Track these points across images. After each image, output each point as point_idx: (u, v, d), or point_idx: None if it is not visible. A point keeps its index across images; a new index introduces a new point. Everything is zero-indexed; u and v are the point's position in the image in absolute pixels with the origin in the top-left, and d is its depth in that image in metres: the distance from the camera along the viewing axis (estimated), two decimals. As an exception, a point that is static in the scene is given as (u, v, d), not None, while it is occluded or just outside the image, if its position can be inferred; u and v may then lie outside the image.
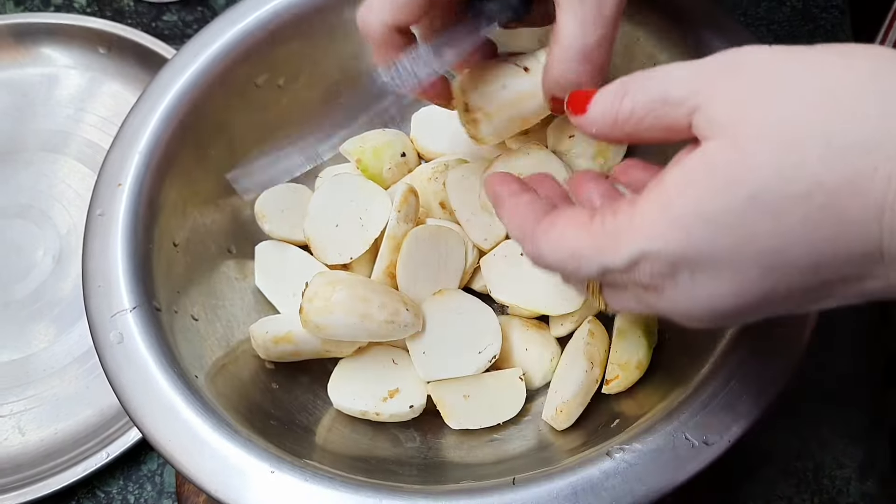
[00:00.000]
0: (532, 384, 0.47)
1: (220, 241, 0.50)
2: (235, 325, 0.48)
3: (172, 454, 0.38)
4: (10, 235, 0.60)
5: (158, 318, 0.43)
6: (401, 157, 0.53)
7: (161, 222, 0.46)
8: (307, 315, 0.43)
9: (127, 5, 0.69)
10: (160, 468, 0.52)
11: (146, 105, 0.47)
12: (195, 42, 0.49)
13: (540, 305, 0.47)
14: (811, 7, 0.66)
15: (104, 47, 0.65)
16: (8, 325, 0.57)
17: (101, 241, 0.44)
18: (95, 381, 0.54)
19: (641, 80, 0.31)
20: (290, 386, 0.47)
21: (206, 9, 0.69)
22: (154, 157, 0.46)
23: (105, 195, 0.45)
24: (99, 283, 0.43)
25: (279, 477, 0.37)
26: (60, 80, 0.66)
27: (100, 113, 0.64)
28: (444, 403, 0.45)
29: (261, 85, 0.51)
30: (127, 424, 0.51)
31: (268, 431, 0.41)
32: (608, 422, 0.43)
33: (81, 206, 0.60)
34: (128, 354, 0.41)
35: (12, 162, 0.63)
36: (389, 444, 0.45)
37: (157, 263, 0.45)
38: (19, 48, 0.66)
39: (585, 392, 0.44)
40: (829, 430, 0.51)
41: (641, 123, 0.31)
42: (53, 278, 0.58)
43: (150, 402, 0.39)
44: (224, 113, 0.50)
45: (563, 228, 0.32)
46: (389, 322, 0.43)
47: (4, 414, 0.54)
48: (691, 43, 0.46)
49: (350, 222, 0.48)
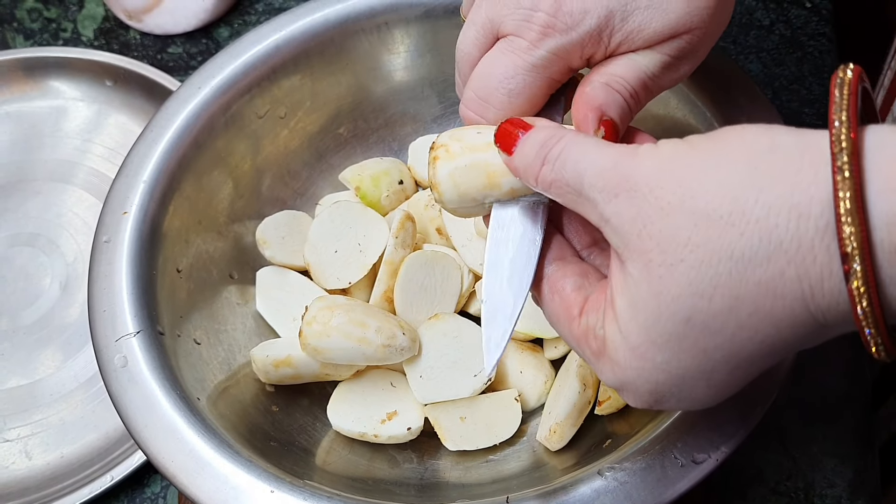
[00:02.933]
0: (527, 405, 0.48)
1: (223, 267, 0.51)
2: (237, 349, 0.49)
3: (175, 475, 0.39)
4: (18, 263, 0.62)
5: (162, 342, 0.44)
6: (398, 185, 0.54)
7: (165, 249, 0.47)
8: (306, 339, 0.44)
9: (133, 38, 0.71)
10: (163, 491, 0.53)
11: (151, 135, 0.49)
12: (199, 74, 0.51)
13: (533, 329, 0.48)
14: (799, 35, 0.68)
15: (111, 80, 0.67)
16: (16, 352, 0.58)
17: (106, 266, 0.45)
18: (101, 406, 0.56)
19: (563, 152, 0.31)
20: (291, 408, 0.48)
21: (209, 41, 0.70)
22: (158, 186, 0.48)
23: (111, 222, 0.46)
24: (104, 308, 0.44)
25: (279, 496, 0.38)
26: (68, 111, 0.67)
27: (106, 144, 0.66)
28: (440, 425, 0.46)
29: (263, 116, 0.53)
30: (131, 448, 0.52)
31: (268, 452, 0.42)
32: (601, 441, 0.44)
33: (88, 234, 0.62)
34: (132, 377, 0.42)
35: (21, 191, 0.65)
36: (387, 465, 0.46)
37: (160, 289, 0.46)
38: (29, 81, 0.68)
39: (578, 413, 0.45)
40: (819, 449, 0.52)
41: (560, 198, 0.32)
42: (60, 305, 0.60)
43: (153, 424, 0.40)
44: (227, 143, 0.52)
45: (558, 314, 0.34)
46: (386, 346, 0.45)
47: (11, 438, 0.55)
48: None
49: (349, 248, 0.50)
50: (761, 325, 0.28)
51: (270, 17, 0.53)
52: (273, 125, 0.54)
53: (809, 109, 0.64)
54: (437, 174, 0.35)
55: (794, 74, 0.66)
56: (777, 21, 0.69)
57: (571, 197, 0.31)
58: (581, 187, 0.31)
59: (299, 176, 0.56)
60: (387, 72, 0.56)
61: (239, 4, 0.72)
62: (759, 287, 0.27)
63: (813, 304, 0.27)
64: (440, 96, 0.57)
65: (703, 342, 0.29)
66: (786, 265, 0.26)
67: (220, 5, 0.70)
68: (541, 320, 0.47)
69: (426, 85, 0.56)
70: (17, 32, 0.72)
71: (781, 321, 0.27)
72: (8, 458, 0.54)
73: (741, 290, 0.27)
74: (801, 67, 0.66)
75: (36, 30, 0.72)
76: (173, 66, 0.69)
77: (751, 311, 0.27)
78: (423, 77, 0.56)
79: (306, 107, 0.54)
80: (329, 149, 0.56)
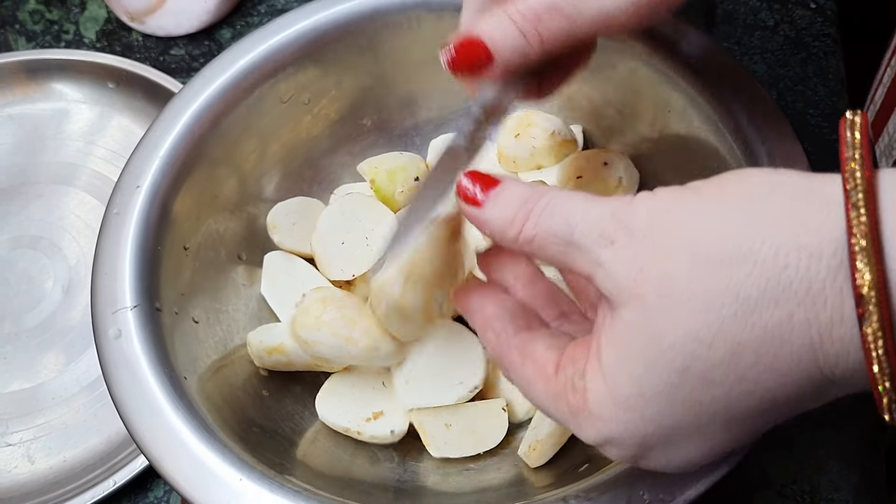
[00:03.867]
0: (515, 417, 0.47)
1: (232, 248, 0.52)
2: (235, 331, 0.49)
3: (151, 451, 0.40)
4: (20, 266, 0.61)
5: (158, 318, 0.44)
6: (414, 182, 0.54)
7: (174, 226, 0.48)
8: (296, 329, 0.45)
9: (135, 40, 0.71)
10: (166, 495, 0.53)
11: (172, 112, 0.49)
12: (226, 54, 0.51)
13: None
14: (804, 36, 0.68)
15: (113, 82, 0.66)
16: (18, 355, 0.58)
17: (113, 239, 0.46)
18: (103, 410, 0.55)
19: (549, 205, 0.30)
20: (281, 395, 0.48)
21: (212, 43, 0.70)
22: (173, 163, 0.48)
23: (123, 196, 0.47)
24: (105, 280, 0.45)
25: (247, 485, 0.38)
26: (71, 114, 0.67)
27: (108, 146, 0.66)
28: (425, 431, 0.46)
29: (286, 101, 0.53)
30: (134, 452, 0.52)
31: (248, 438, 0.42)
32: (579, 465, 0.43)
33: (90, 237, 0.62)
34: (122, 350, 0.42)
35: (24, 194, 0.64)
36: (367, 463, 0.46)
37: (165, 265, 0.46)
38: (31, 83, 0.68)
39: (562, 433, 0.44)
40: (825, 453, 0.52)
41: (542, 251, 0.30)
42: (63, 308, 0.60)
43: (136, 398, 0.41)
44: (248, 125, 0.52)
45: (531, 378, 0.31)
46: (371, 349, 0.44)
47: (14, 442, 0.55)
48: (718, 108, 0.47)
49: (356, 240, 0.50)
50: (763, 377, 0.26)
51: (273, 18, 0.53)
52: (296, 110, 0.53)
53: (814, 111, 0.64)
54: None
55: (798, 75, 0.66)
56: (781, 22, 0.68)
57: (557, 248, 0.29)
58: (571, 237, 0.29)
59: (319, 163, 0.56)
60: (415, 66, 0.55)
61: (241, 6, 0.72)
62: (764, 332, 0.25)
63: (821, 353, 0.25)
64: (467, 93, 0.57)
65: (699, 393, 0.27)
66: (795, 307, 0.25)
67: (223, 7, 0.70)
68: None
69: (454, 82, 0.56)
70: (20, 34, 0.72)
71: (785, 373, 0.26)
72: (10, 463, 0.54)
73: (745, 336, 0.25)
74: (805, 68, 0.66)
75: (38, 32, 0.72)
76: (175, 67, 0.69)
77: (753, 360, 0.26)
78: (448, 77, 0.56)
79: (331, 95, 0.54)
80: (351, 138, 0.56)
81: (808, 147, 0.64)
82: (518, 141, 0.52)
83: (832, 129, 0.63)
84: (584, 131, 0.55)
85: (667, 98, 0.49)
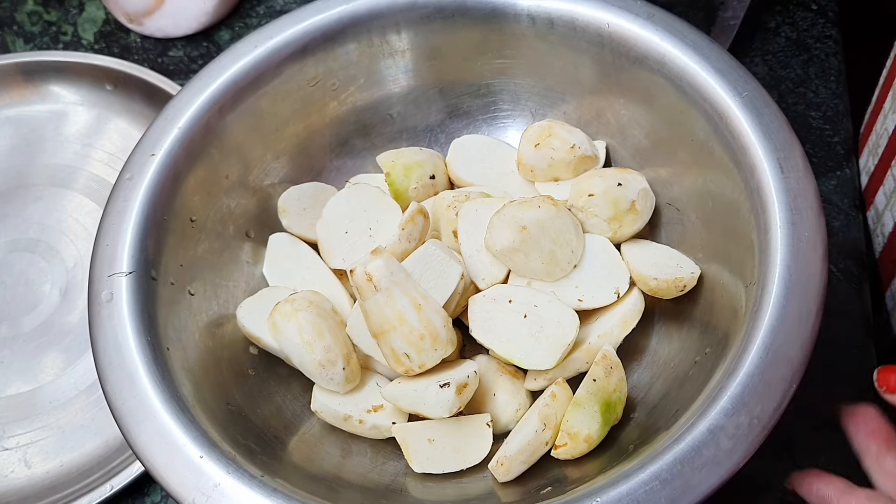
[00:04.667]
0: (497, 429, 0.46)
1: (241, 224, 0.52)
2: (232, 307, 0.49)
3: (122, 417, 0.40)
4: (18, 269, 0.61)
5: (152, 287, 0.45)
6: (429, 179, 0.53)
7: (183, 197, 0.48)
8: (276, 311, 0.45)
9: (134, 42, 0.70)
10: (164, 500, 0.53)
11: (196, 86, 0.50)
12: (257, 34, 0.51)
13: (513, 355, 0.45)
14: (805, 38, 0.67)
15: (111, 84, 0.66)
16: (16, 358, 0.58)
17: (121, 203, 0.46)
18: (101, 414, 0.55)
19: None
20: (266, 375, 0.48)
21: (210, 45, 0.70)
22: (191, 134, 0.49)
23: (137, 162, 0.47)
24: (107, 243, 0.45)
25: (206, 463, 0.38)
26: (68, 116, 0.67)
27: (106, 149, 0.65)
28: (408, 446, 0.45)
29: (314, 84, 0.53)
30: (131, 457, 0.52)
31: (216, 415, 0.43)
32: (545, 485, 0.42)
33: (88, 240, 0.61)
34: (111, 314, 0.43)
35: (21, 197, 0.64)
36: (339, 453, 0.46)
37: (168, 235, 0.47)
38: (28, 85, 0.67)
39: (531, 451, 0.43)
40: (826, 457, 0.51)
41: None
42: (60, 311, 0.59)
43: (115, 364, 0.42)
44: (272, 104, 0.52)
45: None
46: (321, 366, 0.45)
47: (10, 447, 0.55)
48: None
49: (359, 231, 0.50)
50: None
51: (271, 19, 0.53)
52: (323, 94, 0.54)
53: (816, 113, 0.64)
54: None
55: (800, 77, 0.65)
56: (783, 23, 0.68)
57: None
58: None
59: (340, 149, 0.56)
60: (447, 66, 0.55)
61: (240, 7, 0.72)
62: None
63: None
64: (496, 96, 0.56)
65: None
66: None
67: (221, 8, 0.69)
68: (522, 347, 0.45)
69: (482, 85, 0.56)
70: (17, 36, 0.72)
71: None
72: (7, 467, 0.54)
73: None
74: (807, 70, 0.66)
75: (36, 33, 0.72)
76: (174, 69, 0.69)
77: None
78: (481, 75, 0.56)
79: (359, 83, 0.54)
80: (376, 128, 0.56)
81: (809, 150, 0.64)
82: (537, 150, 0.52)
83: (834, 131, 0.63)
84: (609, 148, 0.54)
85: (691, 126, 0.48)
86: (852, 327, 0.56)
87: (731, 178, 0.46)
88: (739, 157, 0.45)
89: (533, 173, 0.53)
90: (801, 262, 0.41)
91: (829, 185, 0.61)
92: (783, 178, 0.43)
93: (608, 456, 0.43)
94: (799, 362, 0.39)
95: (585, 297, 0.47)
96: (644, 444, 0.40)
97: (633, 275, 0.48)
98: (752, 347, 0.39)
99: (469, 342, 0.49)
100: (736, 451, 0.37)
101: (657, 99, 0.50)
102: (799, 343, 0.39)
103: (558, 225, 0.47)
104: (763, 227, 0.42)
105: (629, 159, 0.54)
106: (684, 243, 0.50)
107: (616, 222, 0.49)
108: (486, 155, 0.55)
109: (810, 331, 0.39)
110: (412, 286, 0.43)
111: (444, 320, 0.44)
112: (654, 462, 0.37)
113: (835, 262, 0.58)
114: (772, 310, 0.39)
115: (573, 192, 0.50)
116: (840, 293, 0.57)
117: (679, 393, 0.44)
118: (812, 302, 0.40)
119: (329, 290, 0.50)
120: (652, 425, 0.43)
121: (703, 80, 0.47)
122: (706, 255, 0.48)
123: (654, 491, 0.36)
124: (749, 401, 0.38)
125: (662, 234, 0.52)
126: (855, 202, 0.60)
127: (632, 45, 0.49)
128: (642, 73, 0.50)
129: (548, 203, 0.48)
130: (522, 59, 0.54)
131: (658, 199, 0.51)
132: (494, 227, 0.47)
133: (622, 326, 0.46)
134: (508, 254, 0.47)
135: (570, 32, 0.51)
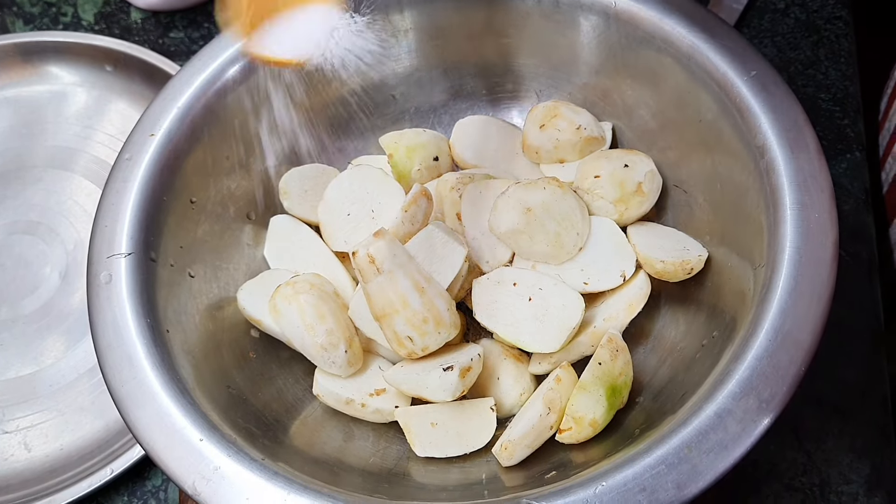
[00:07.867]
0: (499, 413, 0.46)
1: (242, 206, 0.51)
2: (232, 289, 0.49)
3: (122, 399, 0.40)
4: (18, 251, 0.61)
5: (152, 268, 0.44)
6: (433, 161, 0.53)
7: (183, 178, 0.47)
8: (276, 293, 0.45)
9: (134, 22, 0.70)
10: (164, 484, 0.52)
11: (198, 63, 0.49)
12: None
13: (517, 338, 0.45)
14: (815, 18, 0.66)
15: (110, 65, 0.65)
16: (16, 341, 0.57)
17: (120, 184, 0.46)
18: (101, 397, 0.55)
19: None
20: (267, 359, 0.48)
21: (211, 25, 0.69)
22: (191, 113, 0.48)
23: (136, 142, 0.47)
24: (106, 224, 0.45)
25: (206, 446, 0.38)
26: (68, 97, 0.66)
27: (106, 130, 0.65)
28: (410, 430, 0.45)
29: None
30: (131, 441, 0.51)
31: (217, 398, 0.42)
32: (549, 470, 0.42)
33: (88, 222, 0.61)
34: (110, 296, 0.42)
35: (21, 179, 0.63)
36: (341, 437, 0.46)
37: (168, 217, 0.46)
38: (27, 66, 0.67)
39: (536, 435, 0.43)
40: (834, 444, 0.51)
41: None
42: (60, 294, 0.59)
43: (114, 345, 0.41)
44: (276, 82, 0.51)
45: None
46: (323, 349, 0.44)
47: (10, 430, 0.54)
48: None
49: (361, 213, 0.49)
50: None
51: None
52: (325, 74, 0.52)
53: (825, 94, 0.63)
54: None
55: (809, 59, 0.64)
56: (792, 4, 0.67)
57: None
58: None
59: (343, 130, 0.55)
60: (451, 45, 0.54)
61: (241, -12, 0.71)
62: None
63: None
64: (501, 77, 0.56)
65: None
66: None
67: (222, -12, 0.68)
68: (525, 331, 0.45)
69: (487, 65, 0.55)
70: (17, 17, 0.71)
71: None
72: (7, 451, 0.54)
73: None
74: (816, 51, 0.65)
75: (36, 14, 0.71)
76: (175, 50, 0.68)
77: None
78: (486, 55, 0.55)
79: (362, 63, 0.53)
80: (379, 108, 0.56)
81: (819, 132, 0.63)
82: (542, 131, 0.51)
83: (844, 113, 0.62)
84: (615, 129, 0.53)
85: (698, 107, 0.47)
86: (861, 312, 0.55)
87: (739, 159, 0.45)
88: (748, 137, 0.44)
89: (538, 155, 0.52)
90: (812, 244, 0.40)
91: (839, 168, 0.60)
92: (793, 159, 0.42)
93: (614, 440, 0.42)
94: (809, 345, 0.38)
95: (591, 280, 0.47)
96: (650, 429, 0.39)
97: (640, 257, 0.47)
98: (761, 330, 0.38)
99: (473, 325, 0.48)
100: (744, 435, 0.36)
101: (664, 79, 0.49)
102: (809, 326, 0.38)
103: (564, 207, 0.47)
104: (772, 209, 0.41)
105: (636, 140, 0.53)
106: (692, 225, 0.49)
107: (622, 204, 0.48)
108: (490, 136, 0.54)
109: (821, 314, 0.39)
110: (415, 268, 0.43)
111: (448, 303, 0.43)
112: (660, 446, 0.36)
113: (844, 247, 0.57)
114: (781, 292, 0.39)
115: (579, 173, 0.49)
116: (850, 277, 0.56)
117: (686, 376, 0.43)
118: (822, 285, 0.39)
119: (331, 272, 0.49)
120: (658, 409, 0.42)
121: (710, 59, 0.46)
122: (714, 238, 0.47)
123: (661, 475, 0.35)
124: (758, 384, 0.37)
125: (669, 216, 0.51)
126: (865, 185, 0.59)
127: (638, 24, 0.49)
128: (649, 53, 0.49)
129: (553, 185, 0.47)
130: (527, 39, 0.53)
131: (665, 180, 0.50)
132: (499, 209, 0.47)
133: (628, 310, 0.46)
134: (513, 236, 0.47)
135: (576, 11, 0.50)
